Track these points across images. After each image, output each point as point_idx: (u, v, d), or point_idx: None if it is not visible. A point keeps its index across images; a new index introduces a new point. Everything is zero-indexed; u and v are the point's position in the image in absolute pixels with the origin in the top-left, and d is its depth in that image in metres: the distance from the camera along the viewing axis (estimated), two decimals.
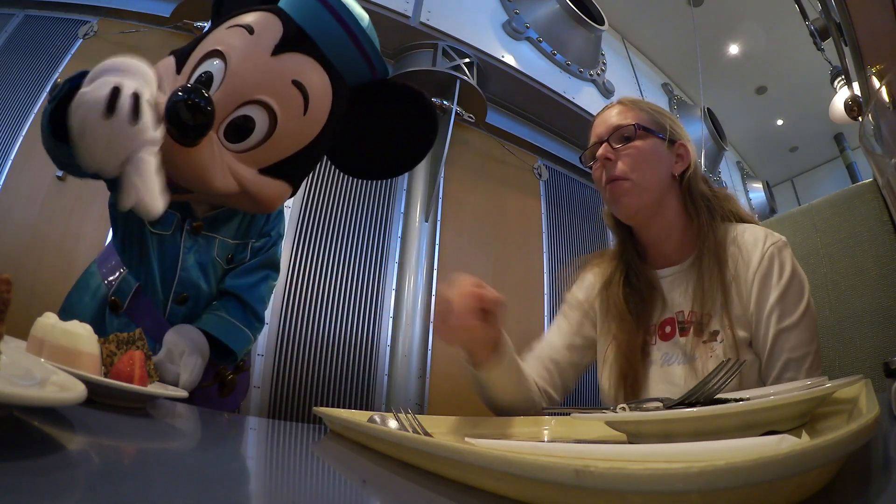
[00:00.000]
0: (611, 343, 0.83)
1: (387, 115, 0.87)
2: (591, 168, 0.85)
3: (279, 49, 0.74)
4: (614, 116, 0.84)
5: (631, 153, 0.79)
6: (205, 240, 0.86)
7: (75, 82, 0.63)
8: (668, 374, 0.76)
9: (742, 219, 0.83)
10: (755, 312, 0.73)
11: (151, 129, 0.61)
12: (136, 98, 0.59)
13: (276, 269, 0.96)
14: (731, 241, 0.77)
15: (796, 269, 0.74)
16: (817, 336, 0.72)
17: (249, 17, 0.76)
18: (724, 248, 0.77)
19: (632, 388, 0.78)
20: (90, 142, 0.58)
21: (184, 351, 0.77)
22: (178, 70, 0.75)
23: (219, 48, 0.73)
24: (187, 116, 0.65)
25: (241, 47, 0.73)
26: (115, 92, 0.58)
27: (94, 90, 0.58)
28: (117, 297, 0.83)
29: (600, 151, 0.81)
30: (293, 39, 0.75)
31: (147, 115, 0.61)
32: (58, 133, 0.65)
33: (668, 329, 0.79)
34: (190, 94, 0.65)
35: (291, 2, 0.78)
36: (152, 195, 0.61)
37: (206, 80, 0.72)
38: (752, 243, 0.75)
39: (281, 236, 0.97)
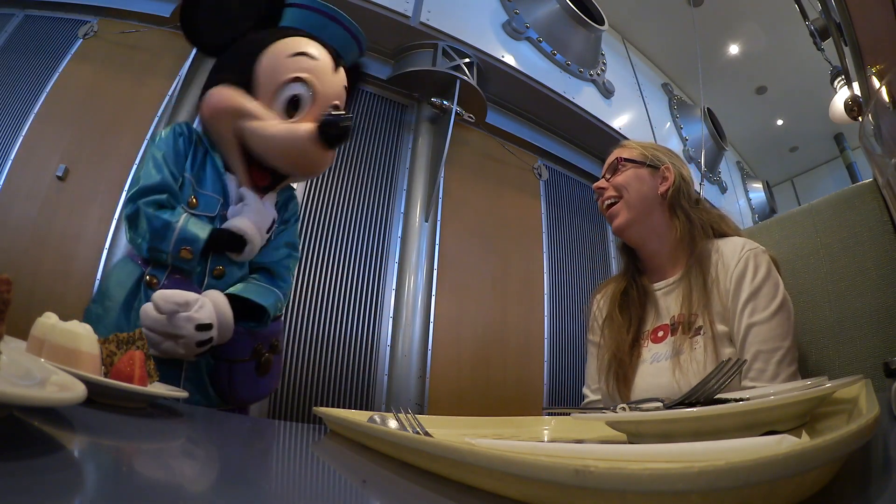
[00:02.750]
0: (607, 346, 0.95)
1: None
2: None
3: (335, 66, 1.00)
4: (610, 157, 1.02)
5: (618, 179, 0.97)
6: None
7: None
8: (656, 369, 0.86)
9: (727, 233, 0.94)
10: (731, 307, 0.82)
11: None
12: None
13: (296, 248, 1.07)
14: (714, 250, 0.89)
15: (770, 273, 0.83)
16: (793, 336, 0.79)
17: (304, 46, 0.97)
18: (709, 257, 0.89)
19: (623, 381, 0.89)
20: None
21: (201, 302, 0.83)
22: (255, 95, 0.93)
23: (301, 76, 0.95)
24: (339, 132, 0.95)
25: (318, 73, 0.97)
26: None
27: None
28: (153, 275, 0.87)
29: (597, 184, 1.01)
30: (335, 55, 1.01)
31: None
32: None
33: (660, 334, 0.91)
34: (340, 116, 0.95)
35: (310, 22, 1.03)
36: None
37: (298, 99, 0.95)
38: (732, 250, 0.87)
39: (296, 216, 1.10)
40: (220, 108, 0.93)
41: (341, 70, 1.02)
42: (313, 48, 0.98)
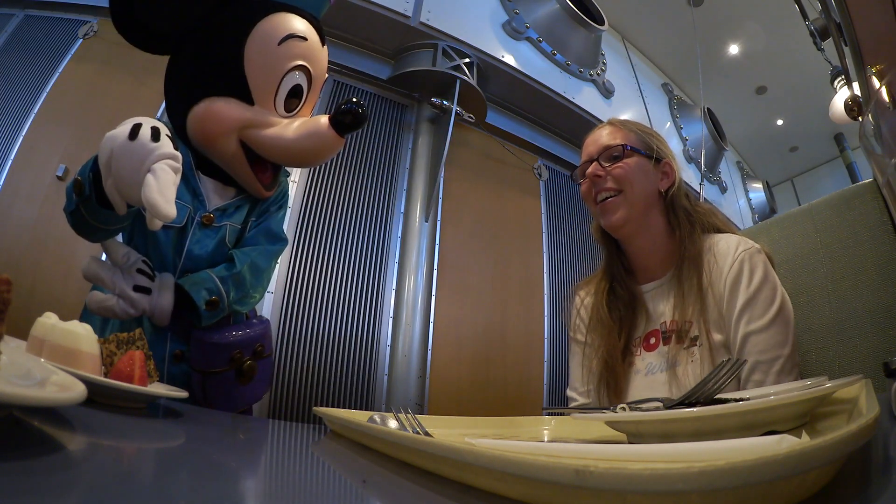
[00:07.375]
0: (595, 351, 0.89)
1: None
2: (580, 184, 0.92)
3: (322, 40, 0.92)
4: (604, 137, 0.91)
5: (620, 170, 0.86)
6: (213, 230, 0.88)
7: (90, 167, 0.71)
8: (651, 381, 0.81)
9: (720, 230, 0.88)
10: (727, 315, 0.77)
11: (170, 148, 0.65)
12: (155, 129, 0.65)
13: (275, 237, 0.96)
14: (707, 250, 0.83)
15: (768, 274, 0.78)
16: (793, 342, 0.75)
17: (289, 25, 0.86)
18: (702, 257, 0.82)
19: (615, 391, 0.84)
20: (118, 164, 0.63)
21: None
22: (252, 98, 0.84)
23: (303, 63, 0.88)
24: (354, 121, 0.87)
25: (312, 54, 0.89)
26: (137, 126, 0.65)
27: (119, 128, 0.65)
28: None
29: (590, 169, 0.88)
30: (316, 23, 0.91)
31: (165, 139, 0.65)
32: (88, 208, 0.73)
33: (652, 340, 0.85)
34: (353, 106, 0.88)
35: None
36: (166, 198, 0.62)
37: (298, 89, 0.88)
38: (726, 250, 0.81)
39: (282, 207, 1.00)
40: (222, 130, 0.83)
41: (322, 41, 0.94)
42: (298, 24, 0.87)
